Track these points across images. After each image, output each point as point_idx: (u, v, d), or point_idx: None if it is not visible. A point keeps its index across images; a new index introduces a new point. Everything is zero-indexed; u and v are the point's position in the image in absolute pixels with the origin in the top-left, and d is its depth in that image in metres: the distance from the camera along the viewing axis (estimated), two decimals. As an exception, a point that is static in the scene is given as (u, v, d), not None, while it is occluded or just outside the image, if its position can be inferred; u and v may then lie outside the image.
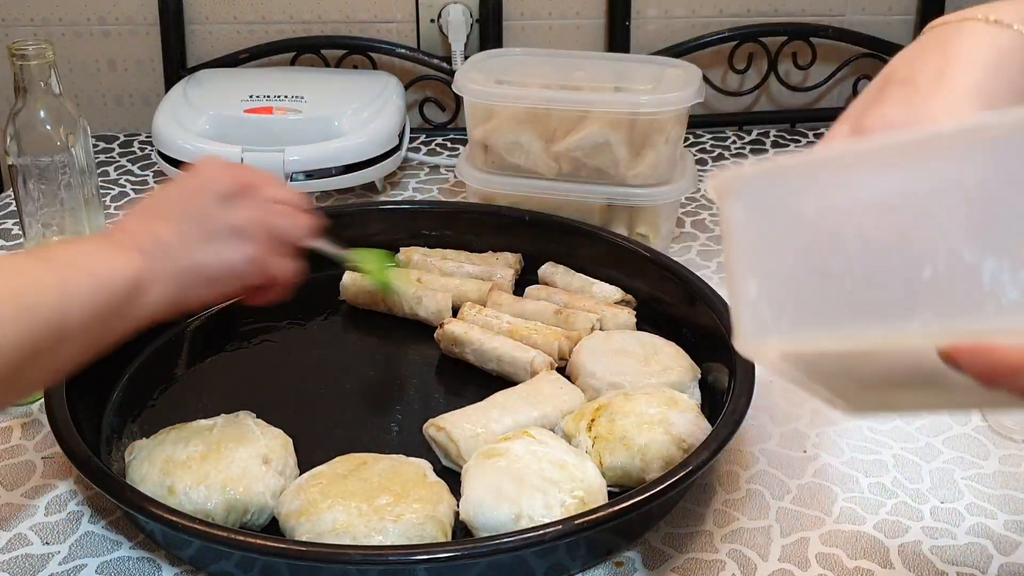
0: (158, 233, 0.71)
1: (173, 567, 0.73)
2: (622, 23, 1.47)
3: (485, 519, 0.72)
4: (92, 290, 0.64)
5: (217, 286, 0.74)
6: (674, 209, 1.16)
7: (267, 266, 0.76)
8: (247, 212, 0.75)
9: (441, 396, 0.92)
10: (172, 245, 0.71)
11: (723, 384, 0.85)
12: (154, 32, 1.46)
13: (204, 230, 0.73)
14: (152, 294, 0.68)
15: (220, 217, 0.73)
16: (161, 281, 0.69)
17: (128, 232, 0.71)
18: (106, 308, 0.65)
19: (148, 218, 0.73)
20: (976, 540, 0.76)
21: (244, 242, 0.74)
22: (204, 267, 0.72)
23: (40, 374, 0.63)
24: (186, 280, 0.71)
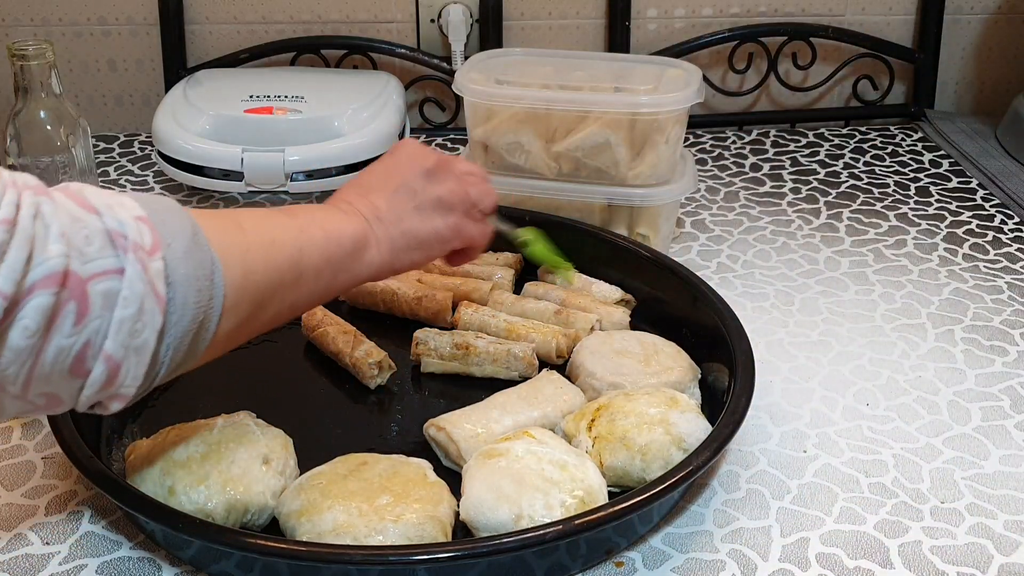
0: (375, 203, 0.79)
1: (173, 567, 0.73)
2: (622, 23, 1.47)
3: (485, 519, 0.72)
4: (324, 240, 0.73)
5: (424, 249, 0.82)
6: (674, 209, 1.16)
7: (466, 231, 0.84)
8: (447, 185, 0.83)
9: (441, 396, 0.92)
10: (387, 213, 0.79)
11: (723, 384, 0.85)
12: (154, 32, 1.46)
13: (413, 201, 0.81)
14: (371, 254, 0.77)
15: (426, 190, 0.81)
16: (378, 243, 0.78)
17: (349, 201, 0.79)
18: (335, 258, 0.74)
19: (364, 191, 0.81)
20: (976, 540, 0.76)
21: (447, 211, 0.82)
22: (414, 233, 0.80)
23: (278, 307, 0.70)
24: (399, 243, 0.79)
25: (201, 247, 0.61)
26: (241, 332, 0.68)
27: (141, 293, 0.57)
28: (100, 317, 0.56)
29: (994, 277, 1.12)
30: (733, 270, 1.14)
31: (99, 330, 0.56)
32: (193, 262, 0.60)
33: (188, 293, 0.60)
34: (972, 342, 1.00)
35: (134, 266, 0.57)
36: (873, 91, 1.55)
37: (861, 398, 0.92)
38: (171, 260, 0.59)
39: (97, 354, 0.57)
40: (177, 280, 0.59)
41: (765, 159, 1.42)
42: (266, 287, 0.68)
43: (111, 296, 0.56)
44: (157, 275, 0.58)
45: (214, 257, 0.62)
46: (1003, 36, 1.55)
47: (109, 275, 0.56)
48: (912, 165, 1.40)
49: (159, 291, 0.58)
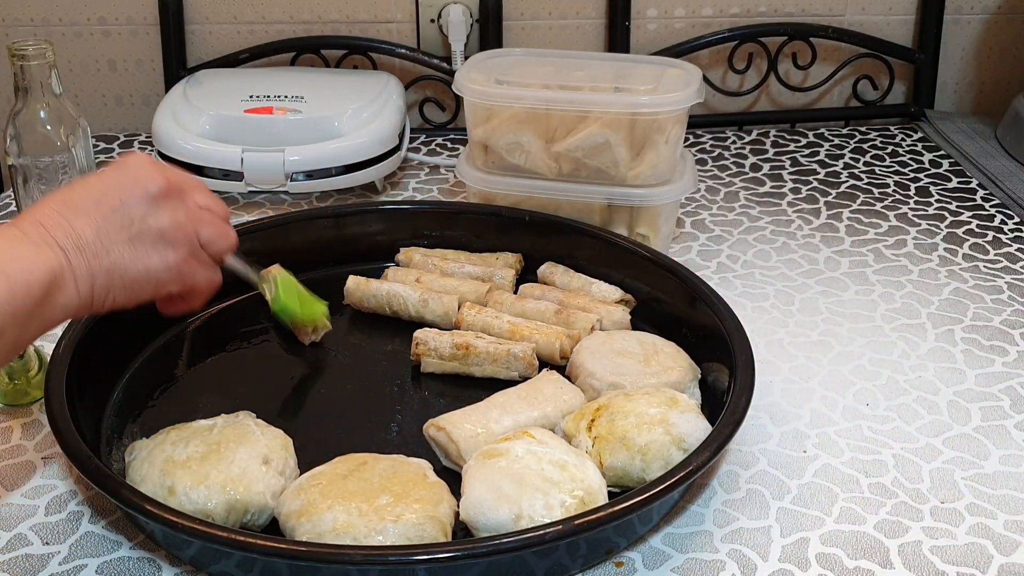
0: (78, 229, 0.66)
1: (173, 567, 0.73)
2: (622, 23, 1.47)
3: (485, 519, 0.72)
4: (7, 291, 0.60)
5: (134, 290, 0.70)
6: (674, 209, 1.16)
7: (188, 275, 0.74)
8: (174, 217, 0.71)
9: (441, 396, 0.92)
10: (91, 243, 0.67)
11: (723, 384, 0.85)
12: (154, 32, 1.46)
13: (127, 231, 0.69)
14: (67, 295, 0.65)
15: (146, 219, 0.69)
16: (76, 280, 0.65)
17: (45, 224, 0.65)
18: (21, 310, 0.61)
19: (68, 211, 0.67)
20: (976, 540, 0.76)
21: (167, 248, 0.71)
22: (123, 270, 0.69)
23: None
24: (102, 282, 0.67)
25: None
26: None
27: None
28: None
29: (994, 277, 1.12)
30: (733, 270, 1.14)
31: None
32: None
33: None
34: (972, 342, 1.00)
35: None
36: (873, 91, 1.55)
37: (861, 398, 0.92)
38: None
39: None
40: None
41: (765, 159, 1.42)
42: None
43: None
44: None
45: None
46: (1003, 36, 1.55)
47: None
48: (912, 165, 1.40)
49: None
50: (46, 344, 0.89)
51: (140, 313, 0.92)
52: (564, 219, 1.10)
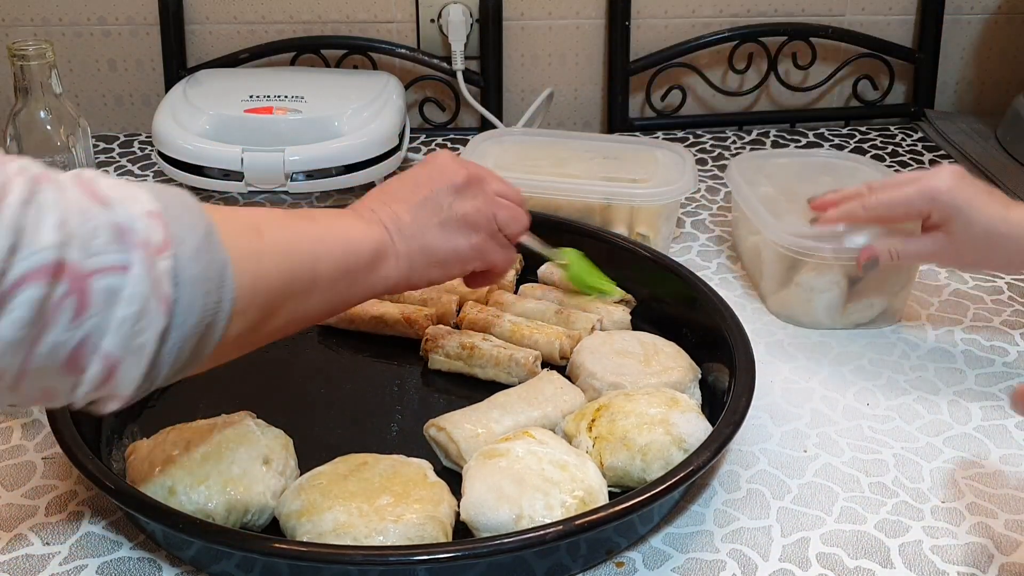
0: (398, 213, 0.77)
1: (173, 568, 0.73)
2: (622, 23, 1.47)
3: (486, 519, 0.72)
4: (342, 251, 0.71)
5: (444, 268, 0.80)
6: (674, 209, 1.16)
7: (488, 254, 0.82)
8: (475, 204, 0.81)
9: (441, 396, 0.92)
10: (409, 226, 0.77)
11: (723, 384, 0.85)
12: (154, 32, 1.46)
13: (438, 217, 0.79)
14: (388, 267, 0.75)
15: (453, 206, 0.79)
16: (397, 257, 0.75)
17: (372, 209, 0.77)
18: (351, 269, 0.72)
19: (389, 199, 0.78)
20: (977, 540, 0.76)
21: (471, 231, 0.80)
22: (435, 249, 0.78)
23: (289, 316, 0.68)
24: (418, 259, 0.77)
25: (213, 248, 0.59)
26: (249, 339, 0.66)
27: (145, 293, 0.55)
28: (100, 314, 0.54)
29: (994, 277, 1.12)
30: (733, 270, 1.14)
31: (98, 327, 0.54)
32: (203, 263, 0.58)
33: (195, 295, 0.58)
34: (972, 342, 1.00)
35: (140, 264, 0.55)
36: (873, 91, 1.55)
37: (861, 398, 0.92)
38: (180, 259, 0.57)
39: (95, 352, 0.55)
40: (185, 280, 0.57)
41: (765, 159, 1.41)
42: (278, 294, 0.66)
43: (113, 293, 0.54)
44: (164, 274, 0.56)
45: (226, 259, 0.60)
46: (1003, 36, 1.55)
47: (113, 271, 0.54)
48: (912, 165, 1.40)
49: (164, 291, 0.56)
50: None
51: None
52: (564, 219, 1.10)
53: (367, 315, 0.99)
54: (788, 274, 1.01)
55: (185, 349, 0.59)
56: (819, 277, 0.98)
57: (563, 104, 1.53)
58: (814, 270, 0.98)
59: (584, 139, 1.30)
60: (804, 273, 0.99)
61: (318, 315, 0.72)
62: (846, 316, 1.00)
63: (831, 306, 0.99)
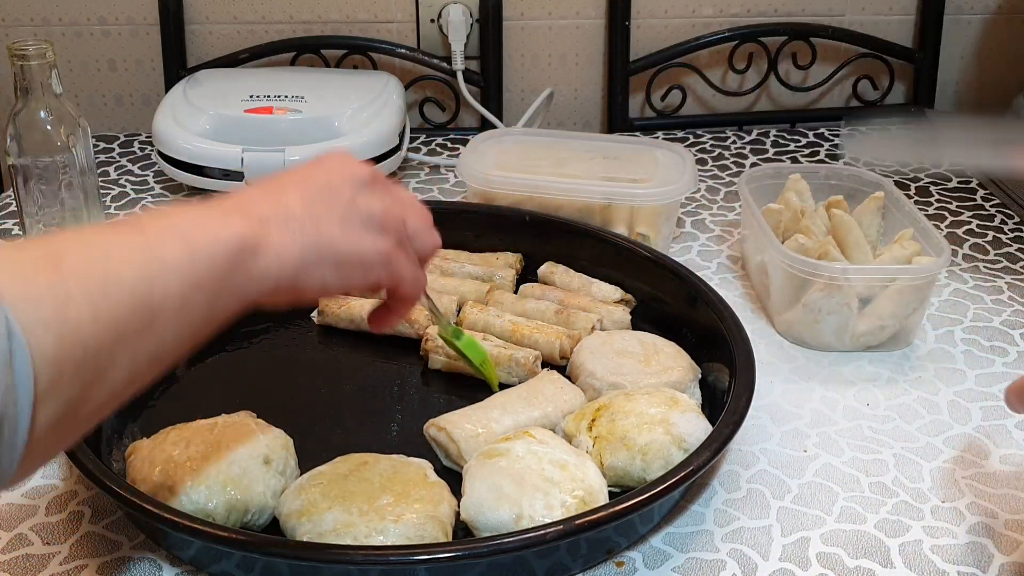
0: (285, 202, 0.62)
1: (174, 568, 0.73)
2: (622, 23, 1.47)
3: (486, 519, 0.72)
4: (188, 258, 0.55)
5: (341, 270, 0.64)
6: (674, 209, 1.16)
7: (396, 265, 0.67)
8: (383, 203, 0.67)
9: (441, 396, 0.92)
10: (299, 216, 0.62)
11: (723, 384, 0.85)
12: (154, 32, 1.46)
13: (338, 209, 0.64)
14: (265, 262, 0.59)
15: (355, 200, 0.65)
16: (278, 250, 0.60)
17: (241, 202, 0.62)
18: (204, 279, 0.56)
19: (273, 189, 0.64)
20: (977, 539, 0.76)
21: (378, 233, 0.66)
22: (332, 245, 0.63)
23: (129, 368, 0.52)
24: (311, 255, 0.62)
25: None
26: (76, 416, 0.50)
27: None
28: None
29: (994, 277, 1.12)
30: (733, 270, 1.14)
31: None
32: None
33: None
34: (972, 343, 1.00)
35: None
36: (873, 91, 1.55)
37: (861, 398, 0.92)
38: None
39: None
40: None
41: (765, 159, 1.41)
42: (101, 346, 0.49)
43: None
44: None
45: (11, 328, 0.45)
46: (1003, 36, 1.55)
47: None
48: (912, 165, 1.40)
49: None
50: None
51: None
52: (564, 219, 1.10)
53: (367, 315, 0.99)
54: (796, 294, 0.98)
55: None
56: (827, 298, 0.95)
57: (563, 104, 1.53)
58: (822, 291, 0.95)
59: (584, 139, 1.30)
60: (812, 293, 0.96)
61: (173, 351, 0.56)
62: (856, 339, 0.97)
63: (840, 328, 0.96)
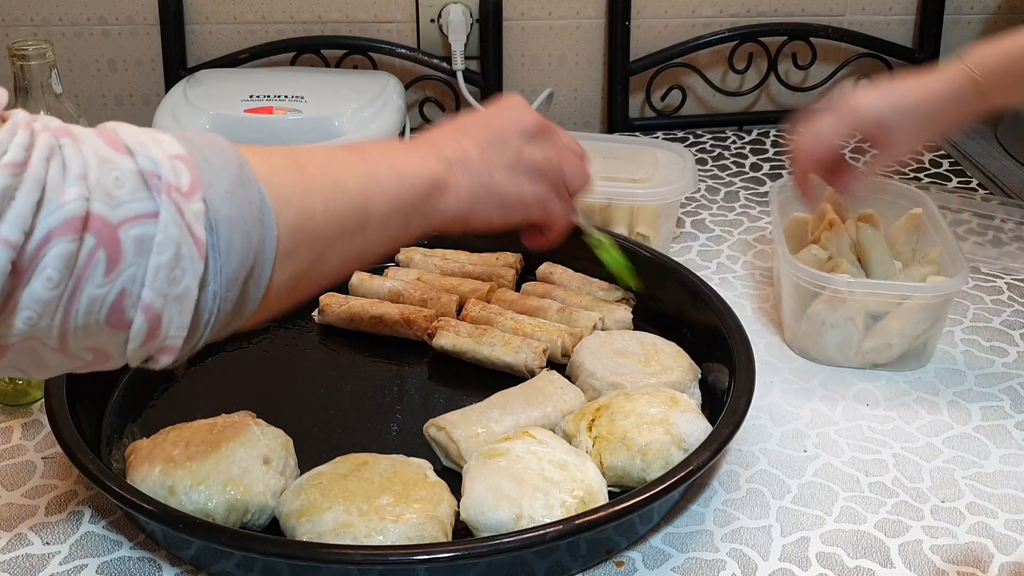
0: (464, 147, 0.73)
1: (174, 567, 0.73)
2: (622, 23, 1.47)
3: (485, 519, 0.72)
4: (395, 184, 0.67)
5: (505, 211, 0.76)
6: (674, 209, 1.16)
7: (551, 207, 0.79)
8: (545, 152, 0.77)
9: (441, 396, 0.92)
10: (474, 161, 0.73)
11: (723, 384, 0.85)
12: (154, 32, 1.46)
13: (506, 157, 0.75)
14: (448, 199, 0.71)
15: (523, 150, 0.76)
16: (458, 190, 0.71)
17: (434, 143, 0.73)
18: (405, 203, 0.67)
19: (458, 133, 0.75)
20: (977, 539, 0.76)
21: (538, 179, 0.77)
22: (499, 190, 0.74)
23: (342, 257, 0.64)
24: (480, 197, 0.73)
25: (248, 186, 0.56)
26: (300, 284, 0.62)
27: (177, 237, 0.52)
28: (134, 264, 0.51)
29: (994, 278, 1.12)
30: (733, 271, 1.14)
31: (135, 278, 0.51)
32: (238, 202, 0.55)
33: (233, 236, 0.55)
34: (972, 343, 1.00)
35: (168, 208, 0.52)
36: (873, 91, 1.55)
37: (861, 398, 0.92)
38: (212, 200, 0.54)
39: (135, 304, 0.52)
40: (219, 222, 0.54)
41: (765, 159, 1.41)
42: (326, 234, 0.62)
43: (145, 241, 0.52)
44: (195, 217, 0.53)
45: (264, 197, 0.57)
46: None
47: (142, 219, 0.52)
48: (912, 165, 1.40)
49: (197, 235, 0.53)
50: (46, 344, 0.89)
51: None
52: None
53: (367, 315, 0.99)
54: (803, 305, 0.96)
55: (231, 294, 0.56)
56: (831, 311, 0.94)
57: (563, 104, 1.53)
58: (826, 303, 0.94)
59: (585, 139, 1.29)
60: (815, 305, 0.95)
61: (374, 253, 0.68)
62: (862, 355, 0.95)
63: (844, 343, 0.95)
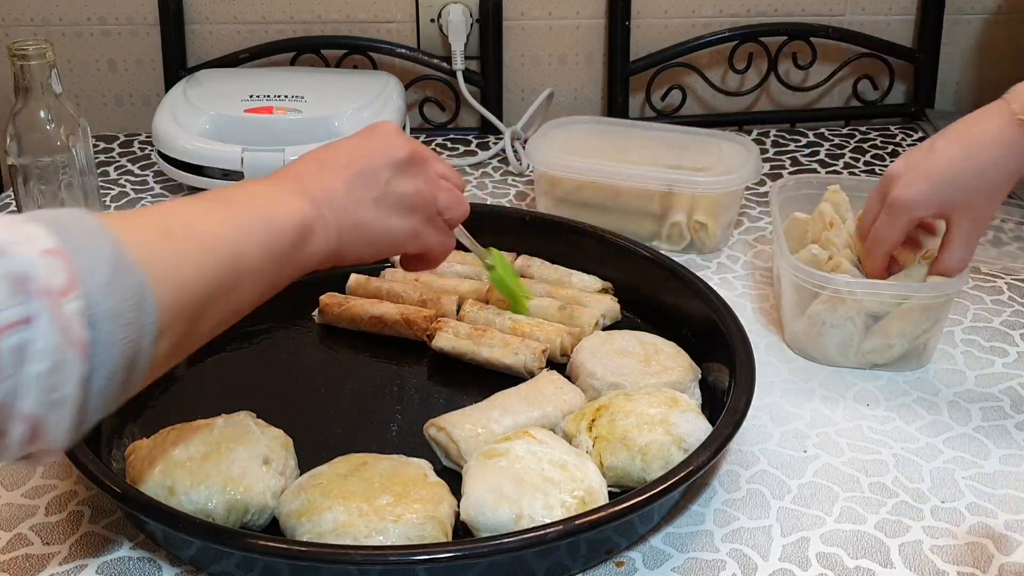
0: (330, 184, 0.71)
1: (173, 567, 0.73)
2: (622, 23, 1.47)
3: (486, 519, 0.72)
4: (266, 234, 0.65)
5: (375, 248, 0.74)
6: (736, 198, 1.16)
7: (425, 238, 0.78)
8: (416, 184, 0.75)
9: (441, 396, 0.92)
10: (340, 198, 0.71)
11: (723, 384, 0.85)
12: (154, 32, 1.46)
13: (373, 192, 0.73)
14: (316, 242, 0.69)
15: (392, 183, 0.74)
16: (326, 231, 0.70)
17: (299, 178, 0.71)
18: (276, 253, 0.66)
19: (321, 169, 0.73)
20: (977, 540, 0.76)
21: (409, 213, 0.75)
22: (368, 228, 0.73)
23: (219, 316, 0.63)
24: (348, 236, 0.71)
25: (126, 271, 0.54)
26: (177, 351, 0.61)
27: (55, 343, 0.49)
28: (12, 376, 0.48)
29: (994, 278, 1.12)
30: (733, 271, 1.14)
31: (12, 390, 0.49)
32: (117, 292, 0.53)
33: (114, 329, 0.52)
34: (972, 343, 1.00)
35: (44, 313, 0.49)
36: (873, 91, 1.55)
37: (861, 398, 0.92)
38: (91, 295, 0.51)
39: (13, 415, 0.49)
40: (100, 318, 0.51)
41: (765, 159, 1.41)
42: (202, 299, 0.60)
43: (21, 351, 0.49)
44: (74, 317, 0.50)
45: (142, 280, 0.54)
46: (1003, 36, 1.55)
47: (17, 327, 0.48)
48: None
49: (77, 336, 0.50)
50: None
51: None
52: (563, 219, 1.10)
53: (367, 315, 0.99)
54: (803, 305, 0.96)
55: (113, 385, 0.54)
56: (831, 311, 0.93)
57: (563, 104, 1.53)
58: (825, 303, 0.93)
59: (654, 129, 1.29)
60: (815, 305, 0.94)
61: (250, 306, 0.67)
62: (861, 355, 0.94)
63: (844, 343, 0.94)
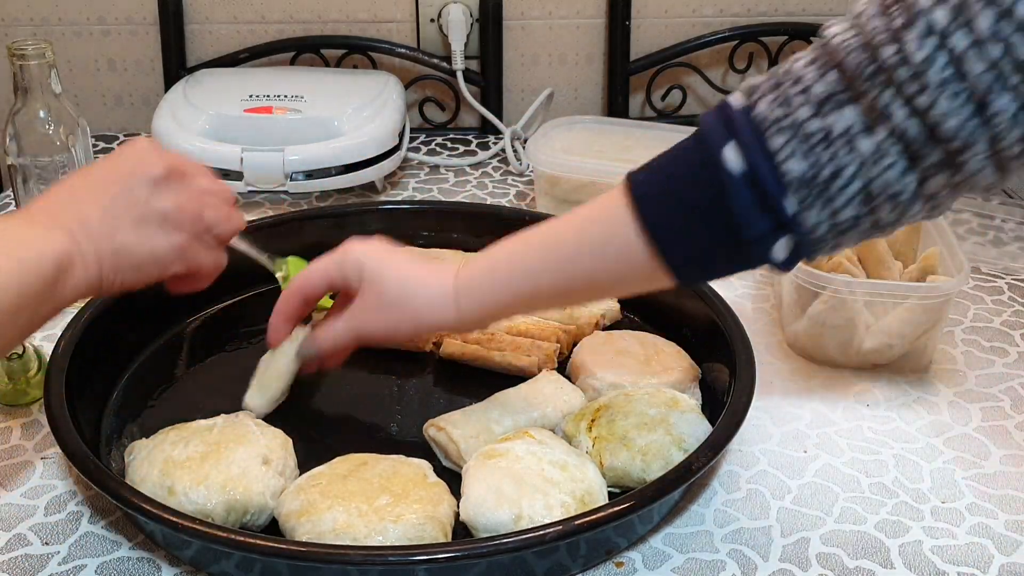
0: (84, 213, 0.68)
1: (173, 567, 0.73)
2: (622, 23, 1.47)
3: (485, 519, 0.72)
4: (18, 273, 0.62)
5: (141, 272, 0.71)
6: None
7: (192, 257, 0.74)
8: (177, 200, 0.72)
9: (441, 396, 0.92)
10: (97, 227, 0.68)
11: (723, 384, 0.85)
12: (154, 32, 1.46)
13: (131, 213, 0.70)
14: (76, 276, 0.66)
15: (149, 201, 0.70)
16: (84, 262, 0.67)
17: (51, 211, 0.68)
18: (31, 293, 0.63)
19: (74, 197, 0.69)
20: (977, 540, 0.76)
21: (172, 230, 0.72)
22: (129, 252, 0.69)
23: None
24: (109, 264, 0.68)
25: None
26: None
27: None
28: None
29: (994, 278, 1.12)
30: (733, 270, 1.13)
31: None
32: None
33: None
34: (972, 343, 1.00)
35: None
36: (873, 91, 1.55)
37: (861, 398, 0.92)
38: None
39: None
40: None
41: (765, 159, 1.41)
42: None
43: None
44: None
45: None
46: (1003, 36, 1.55)
47: None
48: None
49: None
50: (45, 344, 0.89)
51: (139, 313, 0.92)
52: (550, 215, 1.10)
53: None
54: (803, 306, 0.96)
55: None
56: (831, 312, 0.93)
57: (563, 104, 1.53)
58: (825, 303, 0.93)
59: (655, 128, 1.30)
60: (815, 305, 0.94)
61: (8, 347, 0.65)
62: (862, 356, 0.95)
63: (844, 343, 0.94)
